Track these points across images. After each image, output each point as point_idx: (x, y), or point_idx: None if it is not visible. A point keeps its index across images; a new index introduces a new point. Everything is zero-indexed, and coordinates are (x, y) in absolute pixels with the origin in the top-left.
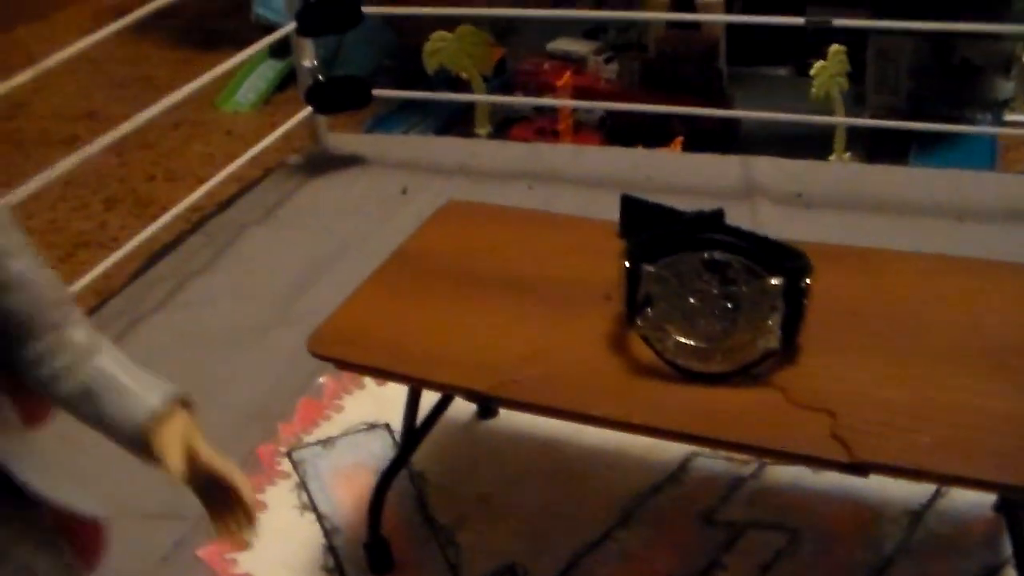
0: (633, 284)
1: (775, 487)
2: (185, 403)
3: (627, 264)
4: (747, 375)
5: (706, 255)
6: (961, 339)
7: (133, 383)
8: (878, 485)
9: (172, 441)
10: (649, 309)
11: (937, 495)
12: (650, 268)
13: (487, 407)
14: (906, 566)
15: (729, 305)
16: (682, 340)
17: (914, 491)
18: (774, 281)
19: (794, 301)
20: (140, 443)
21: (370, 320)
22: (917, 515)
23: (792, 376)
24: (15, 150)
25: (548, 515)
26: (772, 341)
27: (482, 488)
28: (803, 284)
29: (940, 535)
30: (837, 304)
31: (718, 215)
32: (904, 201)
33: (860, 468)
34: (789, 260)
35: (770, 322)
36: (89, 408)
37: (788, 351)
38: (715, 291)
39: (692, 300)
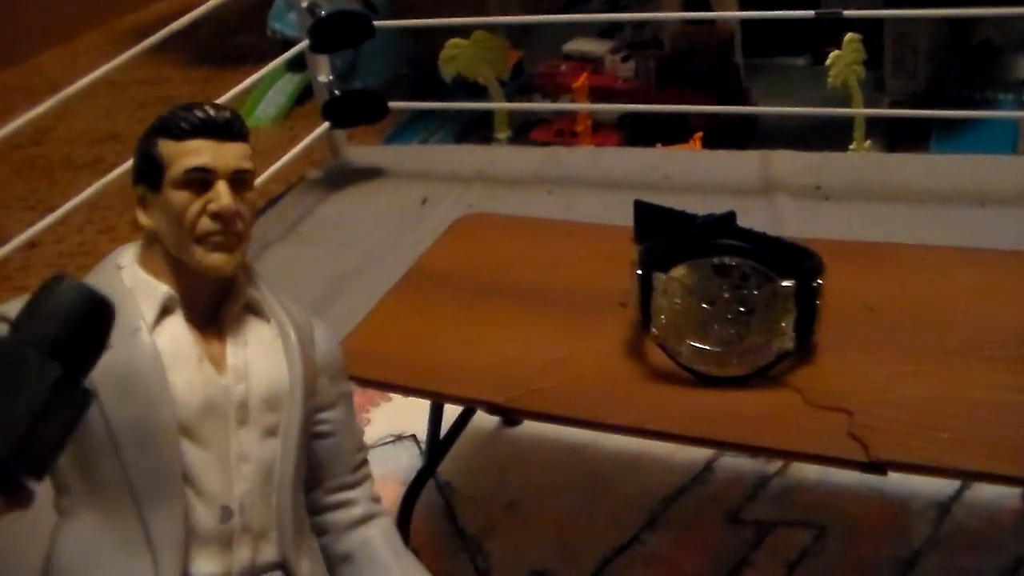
0: (646, 292)
1: (801, 484)
2: None
3: (639, 272)
4: (763, 377)
5: (716, 260)
6: (978, 333)
7: (396, 568)
8: (903, 479)
9: None
10: (663, 316)
11: (963, 487)
12: (662, 275)
13: (510, 417)
14: (935, 560)
15: (742, 309)
16: (697, 345)
17: (940, 484)
18: (785, 283)
19: (806, 302)
20: None
21: (389, 336)
22: (944, 508)
23: (808, 376)
24: (42, 175)
25: (576, 520)
26: (787, 343)
27: (510, 496)
28: (815, 284)
29: (968, 528)
30: (853, 301)
31: (730, 218)
32: (924, 188)
33: (878, 467)
34: (800, 261)
35: (784, 324)
36: (345, 572)
37: (803, 352)
38: (727, 296)
39: (705, 305)
